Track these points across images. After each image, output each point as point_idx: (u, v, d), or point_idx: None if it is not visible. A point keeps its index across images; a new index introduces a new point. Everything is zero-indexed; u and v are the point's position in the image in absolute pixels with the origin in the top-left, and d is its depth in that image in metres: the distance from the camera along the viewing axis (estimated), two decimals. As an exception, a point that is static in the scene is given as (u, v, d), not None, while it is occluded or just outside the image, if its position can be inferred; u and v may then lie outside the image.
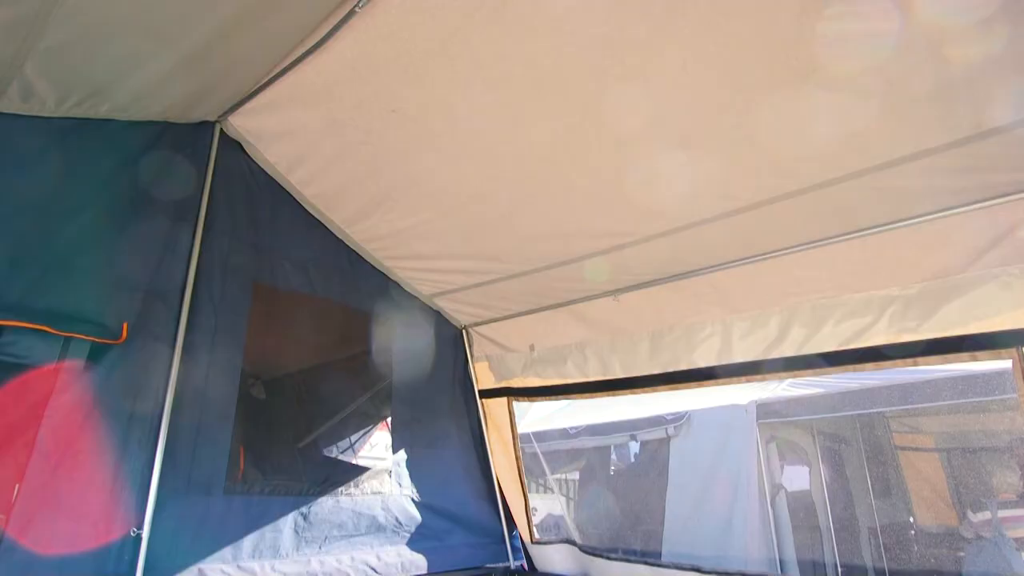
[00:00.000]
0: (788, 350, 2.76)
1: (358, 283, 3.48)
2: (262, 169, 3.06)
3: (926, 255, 2.43)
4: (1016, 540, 4.62)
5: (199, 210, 2.76)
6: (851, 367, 2.61)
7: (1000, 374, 4.36)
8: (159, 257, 2.63)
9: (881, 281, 2.53)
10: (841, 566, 5.26)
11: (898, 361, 2.50)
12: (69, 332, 2.28)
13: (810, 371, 2.74)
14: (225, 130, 2.88)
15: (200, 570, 2.47)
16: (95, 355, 2.37)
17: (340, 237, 3.39)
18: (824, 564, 5.29)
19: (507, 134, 2.50)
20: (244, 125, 2.84)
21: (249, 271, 2.96)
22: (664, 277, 3.05)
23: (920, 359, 2.46)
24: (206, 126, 2.83)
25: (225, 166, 2.90)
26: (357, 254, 3.48)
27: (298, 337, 3.61)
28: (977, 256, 2.32)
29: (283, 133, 2.81)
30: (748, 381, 2.92)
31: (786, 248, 2.70)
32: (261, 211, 3.07)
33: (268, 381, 3.81)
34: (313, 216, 3.29)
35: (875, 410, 5.35)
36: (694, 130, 2.28)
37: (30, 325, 2.17)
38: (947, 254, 2.38)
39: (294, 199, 3.20)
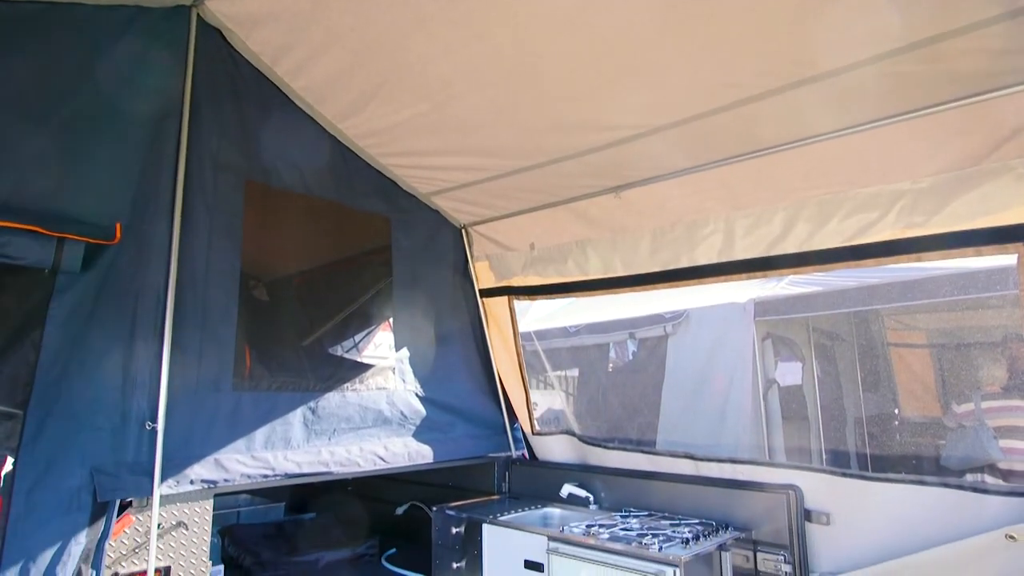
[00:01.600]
0: (791, 247, 2.73)
1: (354, 182, 3.40)
2: (247, 60, 2.90)
3: (942, 146, 2.34)
4: (996, 429, 4.82)
5: (183, 104, 2.64)
6: (853, 263, 2.59)
7: (1000, 270, 4.36)
8: (145, 154, 2.55)
9: (893, 174, 2.45)
10: (826, 452, 5.55)
11: (901, 257, 2.47)
12: (61, 233, 2.25)
13: (811, 268, 2.73)
14: (203, 15, 2.69)
15: (216, 460, 2.59)
16: (91, 256, 2.36)
17: (333, 134, 3.27)
18: (810, 450, 5.57)
19: (505, 18, 2.33)
20: (222, 9, 2.65)
21: (240, 169, 2.88)
22: (668, 173, 2.96)
23: (924, 255, 2.44)
24: (181, 10, 2.65)
25: (207, 56, 2.75)
26: (352, 151, 3.38)
27: (296, 238, 3.58)
28: (995, 147, 2.24)
29: (265, 17, 2.62)
30: (749, 278, 2.92)
31: (796, 141, 2.59)
32: (249, 106, 2.94)
33: (270, 283, 3.82)
34: (304, 112, 3.16)
35: (870, 307, 5.41)
36: (701, 13, 2.12)
37: (20, 226, 2.14)
38: (965, 145, 2.29)
39: (283, 93, 3.06)
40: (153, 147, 2.57)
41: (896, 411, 6.06)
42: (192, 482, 2.48)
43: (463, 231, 3.92)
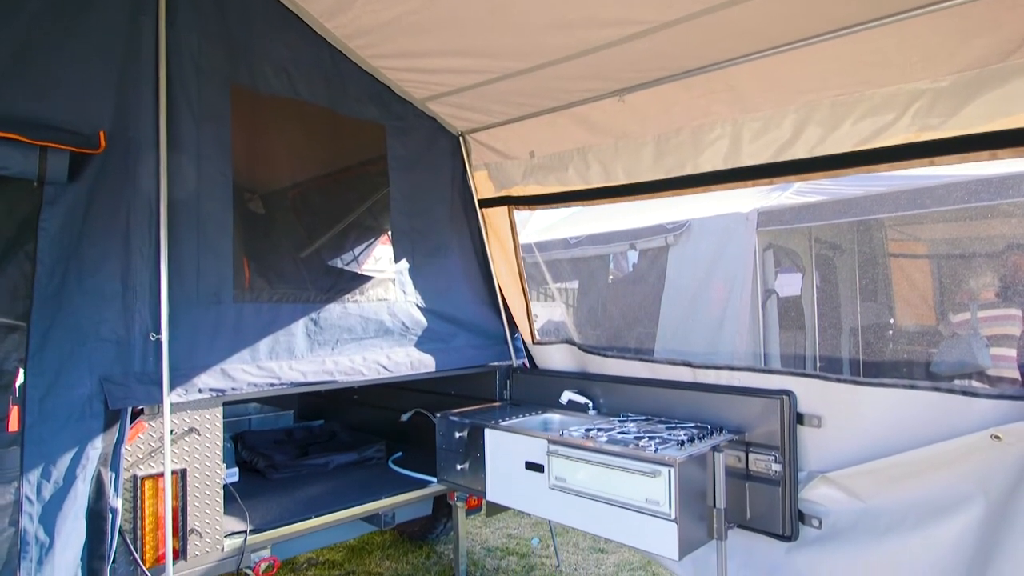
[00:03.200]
0: (800, 152, 2.63)
1: (345, 87, 3.25)
2: (223, -50, 2.69)
3: (966, 41, 2.20)
4: (988, 338, 4.89)
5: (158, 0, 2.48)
6: (864, 168, 2.51)
7: (1011, 177, 4.27)
8: (123, 56, 2.43)
9: (911, 73, 2.32)
10: (820, 359, 5.67)
11: (914, 161, 2.39)
12: (43, 141, 2.18)
13: (820, 173, 2.65)
14: (171, -102, 2.47)
15: (223, 370, 2.64)
16: (78, 166, 2.29)
17: (321, 34, 3.09)
18: (804, 357, 5.70)
19: None
20: None
21: (224, 72, 2.75)
22: (674, 74, 2.82)
23: (937, 159, 2.36)
24: None
25: (179, -55, 2.54)
26: (342, 54, 3.20)
27: (289, 148, 3.47)
28: (1023, 42, 2.10)
29: (239, -100, 2.40)
30: (755, 185, 2.85)
31: (811, 37, 2.44)
32: (230, 3, 2.76)
33: (265, 195, 3.76)
34: (288, 8, 2.97)
35: (873, 216, 5.35)
36: None
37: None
38: (990, 40, 2.15)
39: (265, -12, 2.87)
40: (130, 48, 2.44)
41: (891, 320, 6.14)
42: (200, 391, 2.54)
43: (460, 139, 3.80)
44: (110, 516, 2.25)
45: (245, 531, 2.72)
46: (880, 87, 2.40)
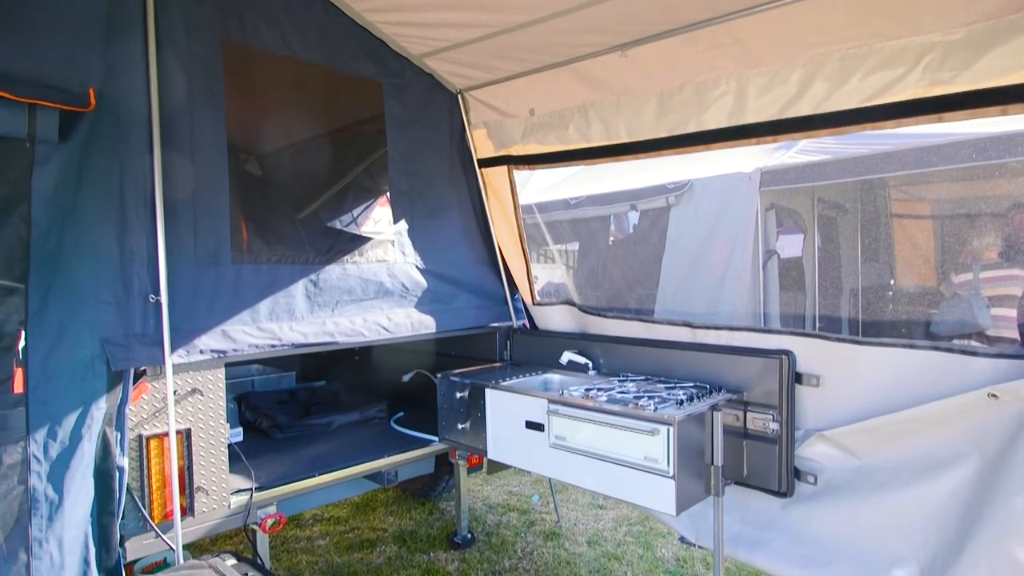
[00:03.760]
0: (805, 108, 2.57)
1: (340, 43, 3.16)
2: None
3: (982, -9, 2.13)
4: (990, 298, 4.89)
5: (142, -51, 2.39)
6: (871, 125, 2.46)
7: (1020, 135, 4.19)
8: (109, 10, 2.35)
9: (924, 25, 2.25)
10: (820, 319, 5.69)
11: (922, 117, 2.34)
12: (32, 99, 2.13)
13: (826, 131, 2.59)
14: None
15: (223, 331, 2.65)
16: (68, 125, 2.24)
17: (313, -15, 3.00)
18: (804, 317, 5.71)
19: None
20: None
21: (215, 27, 2.67)
22: (679, 27, 2.73)
23: (946, 115, 2.30)
24: None
25: None
26: (336, 7, 3.11)
27: (284, 107, 3.40)
28: (1041, -10, 2.03)
29: None
30: (759, 143, 2.79)
31: (822, -13, 2.36)
32: (217, -48, 2.67)
33: (261, 155, 3.71)
34: (278, -42, 2.87)
35: (877, 176, 5.28)
36: None
37: (-14, 91, 2.01)
38: (1007, -12, 2.08)
39: (253, -64, 2.76)
40: (116, 2, 2.36)
41: (892, 281, 6.13)
42: (201, 352, 2.55)
43: (459, 96, 3.72)
44: (117, 474, 2.29)
45: (251, 489, 2.77)
46: (891, 40, 2.33)
